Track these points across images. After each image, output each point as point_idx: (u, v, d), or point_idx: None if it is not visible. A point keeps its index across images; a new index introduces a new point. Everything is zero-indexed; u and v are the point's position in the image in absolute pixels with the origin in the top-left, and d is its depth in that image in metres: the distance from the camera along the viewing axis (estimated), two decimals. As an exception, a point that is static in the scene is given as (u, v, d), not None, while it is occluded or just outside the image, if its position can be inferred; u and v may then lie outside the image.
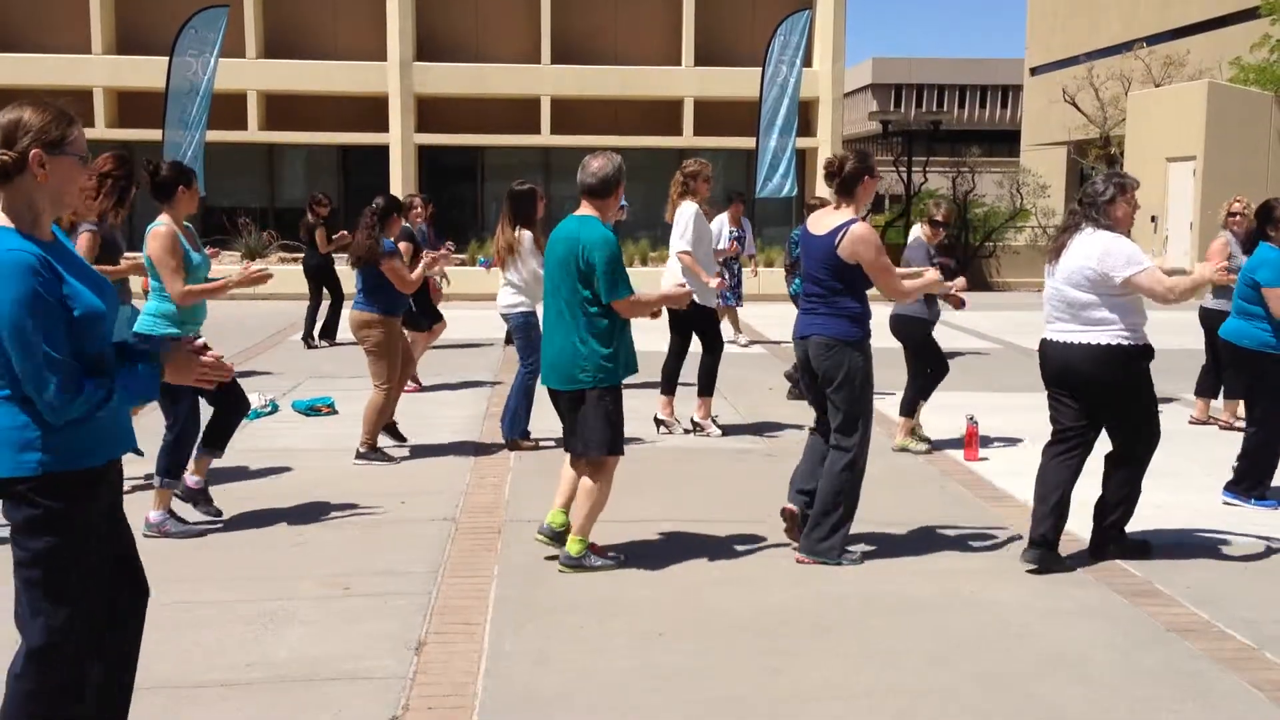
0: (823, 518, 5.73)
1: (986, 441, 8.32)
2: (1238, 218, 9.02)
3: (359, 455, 7.74)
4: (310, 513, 6.52)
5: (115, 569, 3.19)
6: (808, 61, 23.18)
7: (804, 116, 23.63)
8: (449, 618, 4.91)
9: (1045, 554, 5.63)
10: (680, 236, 8.62)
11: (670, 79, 26.20)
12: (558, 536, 5.74)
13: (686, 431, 8.79)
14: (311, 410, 9.35)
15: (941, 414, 9.40)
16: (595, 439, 5.54)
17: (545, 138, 26.15)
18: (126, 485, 3.61)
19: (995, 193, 29.08)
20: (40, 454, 2.95)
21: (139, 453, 3.28)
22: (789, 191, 20.61)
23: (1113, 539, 5.86)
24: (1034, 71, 46.18)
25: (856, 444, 5.76)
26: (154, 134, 20.15)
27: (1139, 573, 5.57)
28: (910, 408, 8.42)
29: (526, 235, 8.20)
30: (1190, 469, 7.73)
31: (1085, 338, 5.66)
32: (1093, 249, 5.63)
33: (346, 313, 8.68)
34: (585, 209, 5.65)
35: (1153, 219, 22.66)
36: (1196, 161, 21.80)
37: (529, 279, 8.08)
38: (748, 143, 22.05)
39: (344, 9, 26.38)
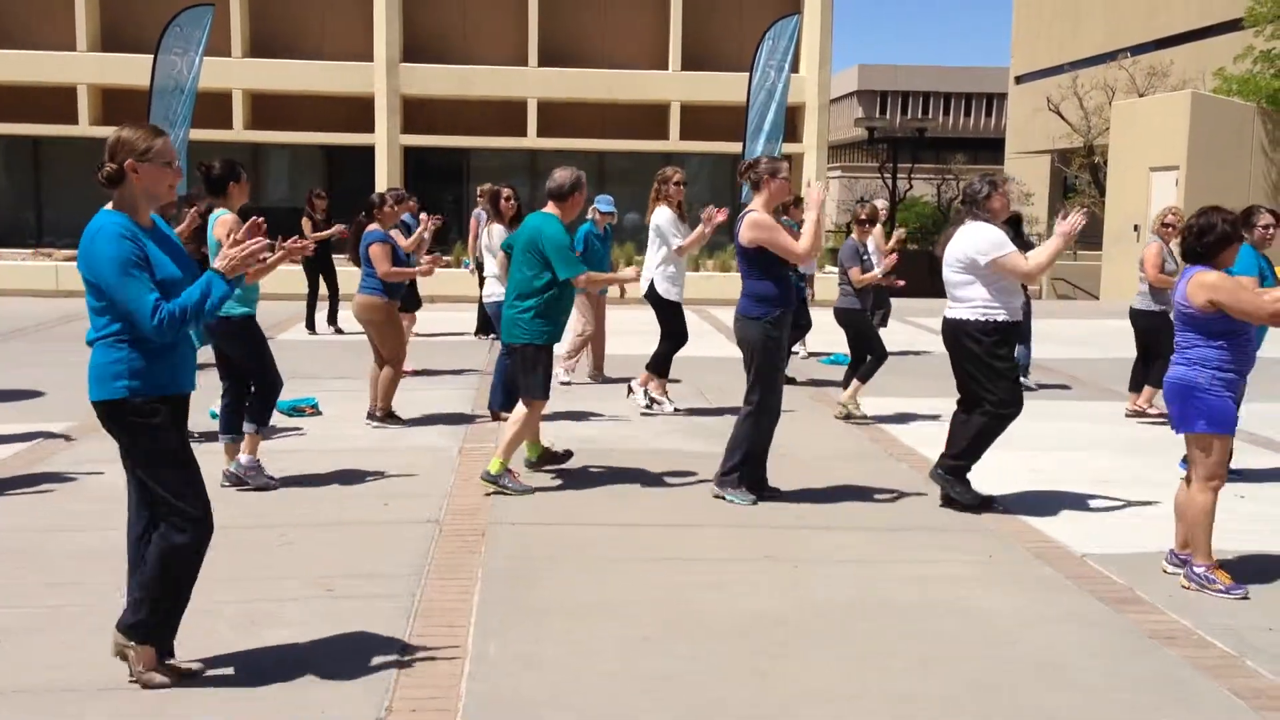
0: (726, 459, 6.84)
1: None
2: (1170, 229, 9.46)
3: (373, 418, 8.84)
4: (294, 514, 6.49)
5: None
6: (794, 68, 23.23)
7: (790, 122, 23.66)
8: (433, 620, 4.90)
9: (946, 475, 6.79)
10: (674, 238, 9.51)
11: (657, 83, 26.21)
12: (531, 465, 7.46)
13: (675, 412, 9.46)
14: (295, 411, 9.31)
15: (927, 419, 9.44)
16: (526, 385, 7.02)
17: (531, 140, 26.12)
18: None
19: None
20: (128, 381, 3.96)
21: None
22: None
23: (943, 471, 6.76)
24: (1019, 80, 46.41)
25: (757, 402, 6.73)
26: (138, 132, 20.03)
27: (1121, 580, 5.59)
28: (849, 383, 9.55)
29: (494, 229, 9.42)
30: (1169, 478, 7.76)
31: (952, 313, 6.67)
32: (967, 237, 6.61)
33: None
34: (549, 208, 7.05)
35: (1135, 228, 22.76)
36: (1179, 171, 21.93)
37: (491, 269, 9.34)
38: (734, 147, 22.06)
39: (330, 9, 26.31)
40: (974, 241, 6.57)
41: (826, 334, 12.80)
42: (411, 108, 26.11)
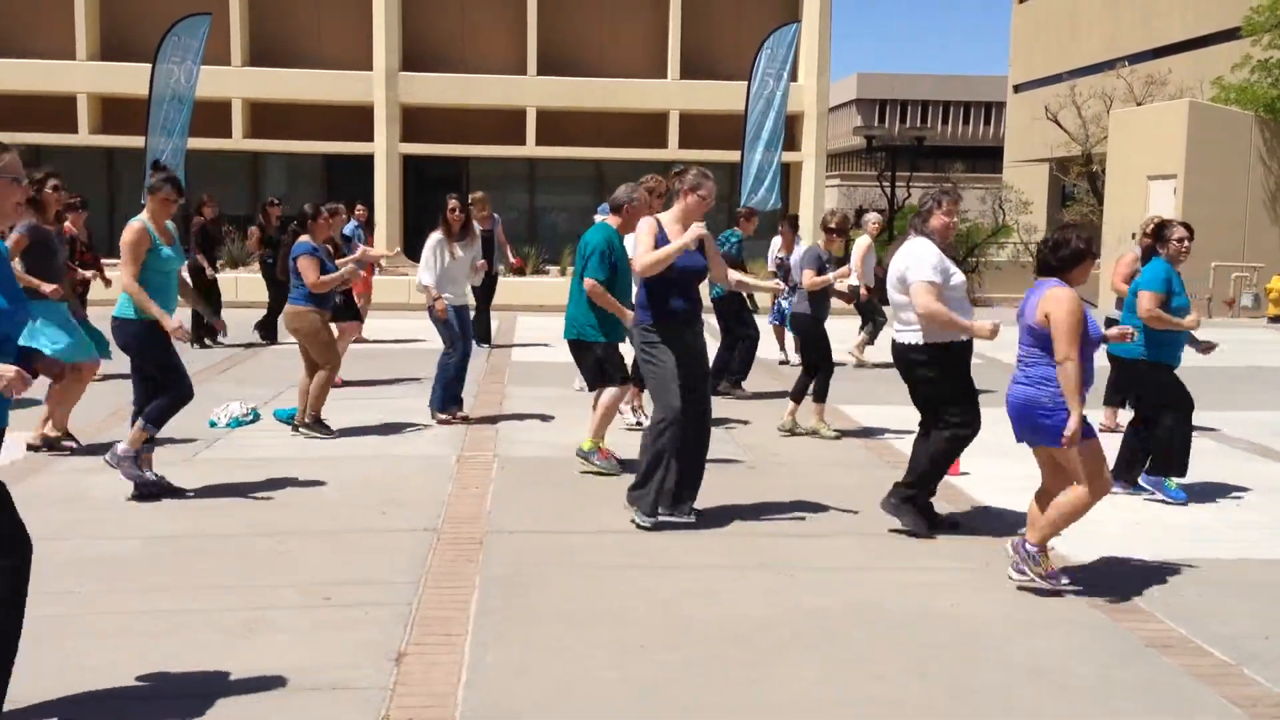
0: (638, 475, 6.53)
1: (969, 455, 8.31)
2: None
3: (303, 425, 8.84)
4: (292, 522, 6.49)
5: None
6: (793, 76, 23.27)
7: (788, 130, 23.69)
8: (430, 628, 4.90)
9: (899, 504, 6.47)
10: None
11: (656, 92, 26.25)
12: (585, 456, 7.74)
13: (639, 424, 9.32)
14: (293, 419, 9.30)
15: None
16: (593, 378, 7.87)
17: (530, 149, 26.16)
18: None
19: (978, 209, 29.25)
20: None
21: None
22: (773, 205, 20.69)
23: (896, 501, 6.46)
24: (1017, 89, 46.49)
25: (658, 414, 6.45)
26: (137, 140, 20.10)
27: (1118, 588, 5.59)
28: (798, 395, 9.22)
29: (432, 238, 9.45)
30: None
31: (901, 337, 6.46)
32: (904, 254, 6.39)
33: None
34: (609, 219, 7.71)
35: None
36: (1177, 180, 21.94)
37: (420, 275, 9.49)
38: (733, 156, 22.11)
39: (329, 18, 26.36)
40: (909, 257, 6.35)
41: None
42: (411, 116, 26.14)
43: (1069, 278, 5.45)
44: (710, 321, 11.26)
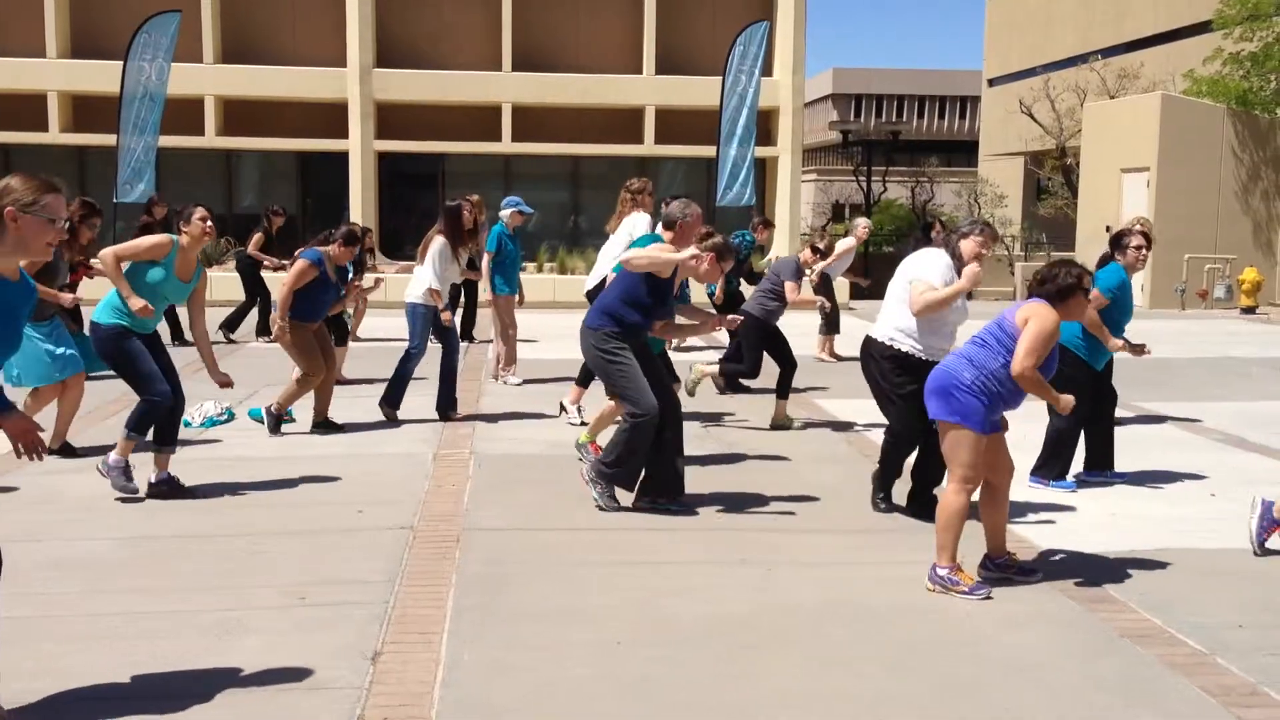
0: (609, 456, 6.71)
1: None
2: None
3: (265, 410, 8.93)
4: (267, 521, 6.46)
5: None
6: (768, 71, 23.30)
7: (765, 126, 23.71)
8: (406, 627, 4.88)
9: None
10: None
11: (631, 88, 26.23)
12: (580, 449, 7.78)
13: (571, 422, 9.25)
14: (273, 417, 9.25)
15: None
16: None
17: (506, 145, 26.10)
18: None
19: (953, 202, 29.35)
20: None
21: None
22: (748, 200, 20.73)
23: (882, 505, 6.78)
24: (991, 83, 46.70)
25: (629, 411, 6.59)
26: (109, 139, 19.95)
27: (1093, 579, 5.62)
28: (783, 392, 9.44)
29: (438, 240, 9.34)
30: (1141, 479, 7.82)
31: (871, 331, 6.77)
32: (915, 259, 6.65)
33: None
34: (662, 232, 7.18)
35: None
36: (1150, 172, 22.08)
37: (425, 277, 9.35)
38: (708, 151, 22.12)
39: (303, 14, 26.21)
40: (915, 264, 6.55)
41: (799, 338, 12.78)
42: (385, 113, 26.04)
43: (1062, 310, 5.39)
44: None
